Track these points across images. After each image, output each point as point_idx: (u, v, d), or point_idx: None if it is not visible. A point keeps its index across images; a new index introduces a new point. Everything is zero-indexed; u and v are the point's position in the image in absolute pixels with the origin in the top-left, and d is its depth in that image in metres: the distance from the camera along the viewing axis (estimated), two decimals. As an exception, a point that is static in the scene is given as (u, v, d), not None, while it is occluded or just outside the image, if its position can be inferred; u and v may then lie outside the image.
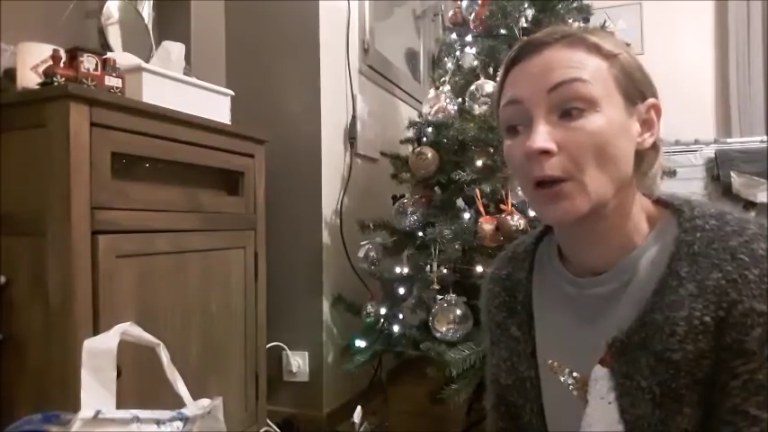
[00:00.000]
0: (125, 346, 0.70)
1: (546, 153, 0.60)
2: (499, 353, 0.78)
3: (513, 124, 0.65)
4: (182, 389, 0.76)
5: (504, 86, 0.67)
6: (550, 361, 0.72)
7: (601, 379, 0.63)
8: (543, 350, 0.74)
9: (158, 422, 0.68)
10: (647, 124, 0.65)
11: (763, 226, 0.60)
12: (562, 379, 0.70)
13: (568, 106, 0.60)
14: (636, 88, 0.64)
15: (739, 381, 0.56)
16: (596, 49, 0.63)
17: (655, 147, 0.67)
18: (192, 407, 0.74)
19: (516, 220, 1.49)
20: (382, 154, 2.04)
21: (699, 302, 0.57)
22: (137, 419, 0.66)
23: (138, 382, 1.13)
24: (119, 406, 0.67)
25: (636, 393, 0.60)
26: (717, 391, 0.57)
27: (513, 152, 0.66)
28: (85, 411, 0.62)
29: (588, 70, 0.61)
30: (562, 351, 0.71)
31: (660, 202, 0.69)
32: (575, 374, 0.68)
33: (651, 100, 0.65)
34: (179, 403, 0.75)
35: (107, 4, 1.57)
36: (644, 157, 0.66)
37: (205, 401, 0.76)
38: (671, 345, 0.58)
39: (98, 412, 0.63)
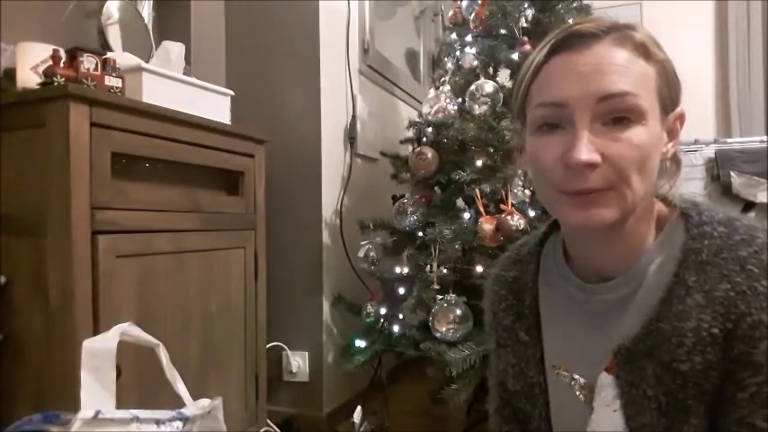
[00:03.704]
0: (125, 346, 0.70)
1: (590, 165, 0.57)
2: (507, 357, 0.77)
3: (550, 123, 0.61)
4: (181, 389, 0.76)
5: (542, 76, 0.62)
6: (557, 366, 0.71)
7: (606, 386, 0.63)
8: (550, 355, 0.73)
9: (158, 422, 0.68)
10: (671, 133, 0.64)
11: None
12: (569, 384, 0.69)
13: (616, 116, 0.57)
14: (671, 97, 0.62)
15: (747, 393, 0.55)
16: (644, 51, 0.59)
17: (675, 157, 0.65)
18: (192, 407, 0.74)
19: (516, 220, 1.49)
20: (382, 154, 2.04)
21: (707, 314, 0.56)
22: (137, 419, 0.66)
23: (138, 382, 1.13)
24: (119, 406, 0.67)
25: (641, 402, 0.60)
26: (724, 403, 0.57)
27: (543, 153, 0.61)
28: (85, 411, 0.62)
29: (638, 79, 0.58)
30: (569, 356, 0.70)
31: (666, 204, 0.67)
32: (581, 380, 0.68)
33: (679, 109, 0.63)
34: (179, 403, 0.75)
35: (107, 4, 1.56)
36: (663, 165, 0.65)
37: (205, 401, 0.76)
38: (679, 356, 0.57)
39: (98, 412, 0.62)
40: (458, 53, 1.93)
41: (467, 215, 1.70)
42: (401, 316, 1.75)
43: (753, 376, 0.55)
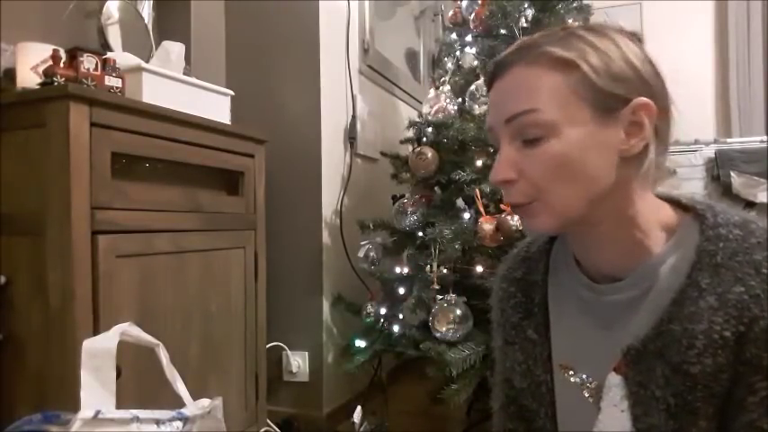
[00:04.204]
0: (125, 346, 0.70)
1: (507, 182, 0.62)
2: (514, 355, 0.76)
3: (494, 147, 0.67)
4: (181, 389, 0.76)
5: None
6: (565, 365, 0.71)
7: (614, 386, 0.63)
8: (558, 354, 0.72)
9: (158, 422, 0.68)
10: (634, 127, 0.60)
11: None
12: (576, 383, 0.69)
13: (526, 135, 0.61)
14: (609, 94, 0.59)
15: (757, 396, 0.55)
16: (556, 63, 0.60)
17: (645, 150, 0.62)
18: (192, 407, 0.74)
19: (516, 220, 1.49)
20: (382, 154, 2.04)
21: (719, 316, 0.56)
22: (137, 419, 0.66)
23: (138, 382, 1.13)
24: (119, 406, 0.67)
25: (649, 403, 0.59)
26: (733, 406, 0.57)
27: None
28: (85, 411, 0.62)
29: (543, 94, 0.59)
30: (577, 356, 0.70)
31: (681, 206, 0.66)
32: (589, 380, 0.68)
33: (638, 101, 0.60)
34: (179, 403, 0.75)
35: (107, 4, 1.57)
36: (642, 160, 0.62)
37: (205, 401, 0.76)
38: (689, 357, 0.57)
39: (98, 412, 0.62)
40: (458, 53, 1.93)
41: (467, 215, 1.70)
42: (401, 316, 1.75)
43: (763, 380, 0.55)
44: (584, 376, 0.68)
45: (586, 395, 0.68)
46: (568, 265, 0.73)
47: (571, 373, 0.70)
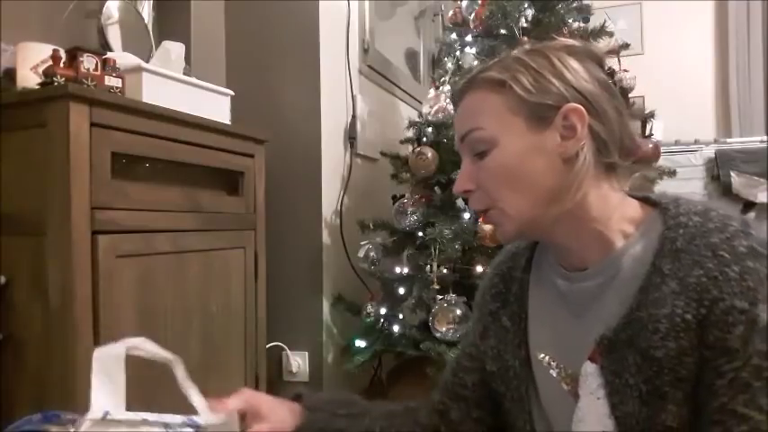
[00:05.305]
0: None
1: (466, 192, 0.71)
2: (488, 340, 0.81)
3: None
4: (197, 402, 0.75)
5: None
6: (543, 355, 0.73)
7: (591, 375, 0.64)
8: (537, 344, 0.75)
9: (167, 426, 0.67)
10: (568, 131, 0.65)
11: (746, 222, 0.61)
12: (554, 374, 0.71)
13: (475, 149, 0.69)
14: (539, 105, 0.65)
15: (725, 379, 0.56)
16: (493, 84, 0.68)
17: (579, 152, 0.65)
18: (207, 416, 0.73)
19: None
20: (382, 154, 2.04)
21: (681, 300, 0.58)
22: (146, 422, 0.66)
23: (142, 385, 1.12)
24: (127, 409, 0.67)
25: (624, 391, 0.61)
26: (704, 391, 0.58)
27: None
28: (94, 412, 0.62)
29: (484, 113, 0.68)
30: (555, 346, 0.72)
31: (649, 202, 0.70)
32: (567, 370, 0.70)
33: (566, 106, 0.65)
34: (187, 410, 0.74)
35: (107, 4, 1.56)
36: (583, 160, 0.66)
37: (222, 414, 0.76)
38: (654, 342, 0.59)
39: (106, 413, 0.62)
40: (458, 53, 1.93)
41: (467, 215, 1.70)
42: (401, 316, 1.75)
43: (729, 362, 0.56)
44: (561, 366, 0.71)
45: (563, 385, 0.70)
46: (549, 258, 0.77)
47: (549, 362, 0.72)
